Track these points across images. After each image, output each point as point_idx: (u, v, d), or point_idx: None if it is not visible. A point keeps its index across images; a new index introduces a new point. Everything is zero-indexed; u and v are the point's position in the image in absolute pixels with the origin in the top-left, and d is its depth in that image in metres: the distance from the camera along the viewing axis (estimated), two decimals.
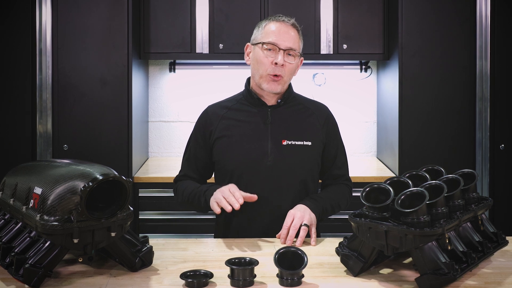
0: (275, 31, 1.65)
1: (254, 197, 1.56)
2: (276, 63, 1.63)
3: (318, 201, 1.64)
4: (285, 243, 1.52)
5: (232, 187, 1.55)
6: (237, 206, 1.49)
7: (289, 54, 1.65)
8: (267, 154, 1.66)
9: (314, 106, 1.76)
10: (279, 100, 1.71)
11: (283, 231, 1.54)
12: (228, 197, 1.52)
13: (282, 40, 1.64)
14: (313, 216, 1.59)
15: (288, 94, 1.72)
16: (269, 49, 1.64)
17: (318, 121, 1.72)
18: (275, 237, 1.59)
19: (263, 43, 1.65)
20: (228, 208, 1.50)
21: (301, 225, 1.54)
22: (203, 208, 1.64)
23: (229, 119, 1.70)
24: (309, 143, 1.68)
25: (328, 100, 3.03)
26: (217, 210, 1.53)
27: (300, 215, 1.55)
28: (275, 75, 1.64)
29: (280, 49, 1.63)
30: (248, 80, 1.75)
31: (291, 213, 1.57)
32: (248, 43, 1.73)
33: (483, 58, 2.66)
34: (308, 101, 1.78)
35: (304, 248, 1.45)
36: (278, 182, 1.66)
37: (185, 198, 1.70)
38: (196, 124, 1.76)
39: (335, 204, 1.69)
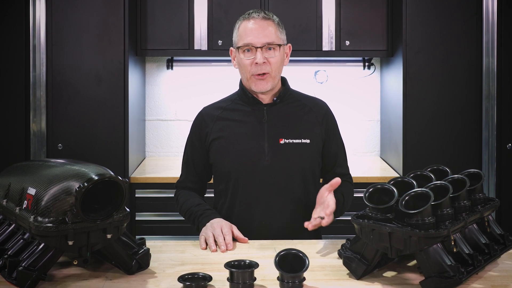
0: (247, 31, 1.62)
1: (245, 240, 1.53)
2: (256, 63, 1.60)
3: (339, 202, 1.61)
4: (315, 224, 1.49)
5: (226, 227, 1.52)
6: (223, 249, 1.46)
7: (269, 49, 1.62)
8: (264, 153, 1.64)
9: (312, 103, 1.73)
10: (275, 98, 1.68)
11: (322, 219, 1.50)
12: (218, 237, 1.49)
13: (256, 38, 1.61)
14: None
15: (285, 92, 1.69)
16: (247, 50, 1.62)
17: (317, 118, 1.70)
18: (273, 239, 1.56)
19: (239, 48, 1.63)
20: (213, 248, 1.47)
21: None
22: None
23: (224, 120, 1.68)
24: (308, 141, 1.66)
25: (330, 98, 2.99)
26: (202, 246, 1.49)
27: (333, 209, 1.52)
28: (260, 74, 1.61)
29: (257, 48, 1.60)
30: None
31: (333, 202, 1.52)
32: (232, 48, 1.70)
33: (489, 55, 2.63)
34: (306, 98, 1.75)
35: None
36: (276, 182, 1.63)
37: (182, 213, 1.71)
38: (192, 127, 1.74)
39: (346, 205, 1.68)
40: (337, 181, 1.53)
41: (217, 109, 1.71)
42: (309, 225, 1.49)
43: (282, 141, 1.64)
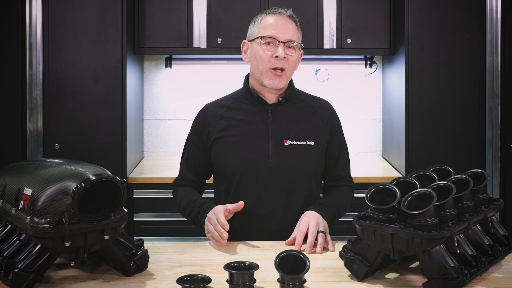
0: (273, 24, 1.61)
1: (240, 204, 1.52)
2: (276, 56, 1.59)
3: (327, 206, 1.61)
4: (299, 249, 1.47)
5: (217, 211, 1.51)
6: (225, 236, 1.46)
7: (289, 47, 1.61)
8: (268, 155, 1.62)
9: (317, 103, 1.72)
10: (280, 98, 1.66)
11: (298, 238, 1.50)
12: (213, 234, 1.49)
13: (281, 33, 1.60)
14: (325, 223, 1.56)
15: (290, 92, 1.68)
16: (268, 43, 1.61)
17: (321, 119, 1.68)
18: (274, 241, 1.55)
19: (261, 37, 1.61)
20: (220, 243, 1.48)
21: (318, 232, 1.51)
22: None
23: (228, 119, 1.66)
24: (312, 143, 1.64)
25: (332, 97, 2.98)
26: (218, 244, 1.50)
27: (315, 222, 1.52)
28: (278, 69, 1.60)
29: (279, 42, 1.60)
30: (247, 77, 1.70)
31: (306, 220, 1.53)
32: (245, 40, 1.69)
33: (493, 53, 2.61)
34: (310, 98, 1.74)
35: (313, 253, 1.44)
36: (279, 184, 1.62)
37: (181, 210, 1.69)
38: (193, 124, 1.72)
39: (342, 208, 1.67)
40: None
41: (220, 107, 1.69)
42: (317, 249, 1.47)
43: (286, 143, 1.62)
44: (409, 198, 1.19)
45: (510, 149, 2.65)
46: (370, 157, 3.17)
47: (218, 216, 1.49)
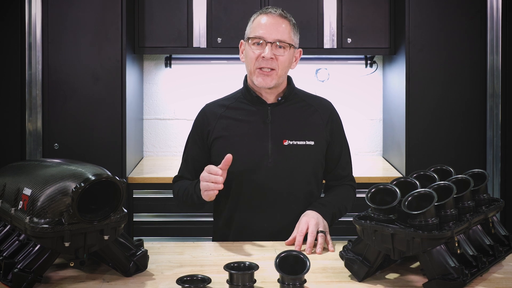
0: (262, 25, 1.61)
1: (228, 157, 1.48)
2: (263, 57, 1.58)
3: (328, 206, 1.61)
4: (299, 250, 1.47)
5: (206, 167, 1.50)
6: (220, 180, 1.45)
7: (280, 47, 1.60)
8: (268, 155, 1.61)
9: (317, 103, 1.71)
10: (279, 98, 1.66)
11: (298, 238, 1.49)
12: (209, 178, 1.47)
13: (268, 33, 1.60)
14: (325, 222, 1.56)
15: (289, 91, 1.67)
16: (257, 43, 1.61)
17: (322, 118, 1.68)
18: (274, 241, 1.55)
19: (249, 38, 1.62)
20: (219, 188, 1.46)
21: (317, 232, 1.50)
22: (200, 205, 1.60)
23: (228, 119, 1.66)
24: (312, 143, 1.63)
25: (332, 97, 2.96)
26: (213, 197, 1.49)
27: (315, 222, 1.52)
28: (265, 68, 1.59)
29: (267, 42, 1.59)
30: (247, 77, 1.70)
31: (305, 220, 1.53)
32: (242, 40, 1.69)
33: (494, 53, 2.61)
34: (311, 97, 1.73)
35: (313, 254, 1.44)
36: (279, 184, 1.61)
37: (180, 199, 1.68)
38: (194, 124, 1.72)
39: (343, 207, 1.67)
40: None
41: (220, 107, 1.69)
42: (317, 249, 1.47)
43: (286, 143, 1.62)
44: (409, 198, 1.19)
45: (511, 149, 2.64)
46: (371, 157, 3.17)
47: (209, 168, 1.47)
